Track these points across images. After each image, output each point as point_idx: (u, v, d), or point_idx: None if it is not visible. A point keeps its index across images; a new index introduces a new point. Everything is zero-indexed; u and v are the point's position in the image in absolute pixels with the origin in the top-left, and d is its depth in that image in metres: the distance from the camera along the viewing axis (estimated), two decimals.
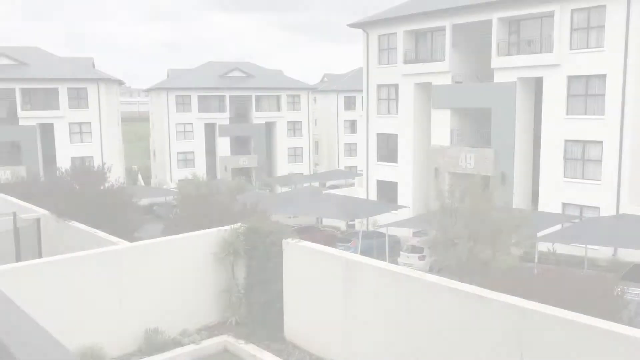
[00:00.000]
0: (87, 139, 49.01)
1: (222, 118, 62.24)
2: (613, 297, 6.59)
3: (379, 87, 37.15)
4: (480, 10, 30.70)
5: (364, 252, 28.81)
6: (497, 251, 16.70)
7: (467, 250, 16.80)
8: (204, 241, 10.24)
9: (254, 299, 10.07)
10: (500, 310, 6.59)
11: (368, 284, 8.28)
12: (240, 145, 64.42)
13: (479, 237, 16.67)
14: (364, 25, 37.09)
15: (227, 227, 10.38)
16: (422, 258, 25.41)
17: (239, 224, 10.46)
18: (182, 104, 60.90)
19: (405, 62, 34.83)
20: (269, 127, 65.47)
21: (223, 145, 62.60)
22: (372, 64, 37.15)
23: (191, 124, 61.19)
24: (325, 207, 30.17)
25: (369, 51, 37.16)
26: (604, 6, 26.11)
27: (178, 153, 61.13)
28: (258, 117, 64.07)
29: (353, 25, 37.92)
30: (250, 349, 9.32)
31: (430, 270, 24.70)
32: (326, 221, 39.09)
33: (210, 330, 10.09)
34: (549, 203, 28.60)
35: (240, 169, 62.66)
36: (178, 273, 9.90)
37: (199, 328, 10.08)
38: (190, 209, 14.92)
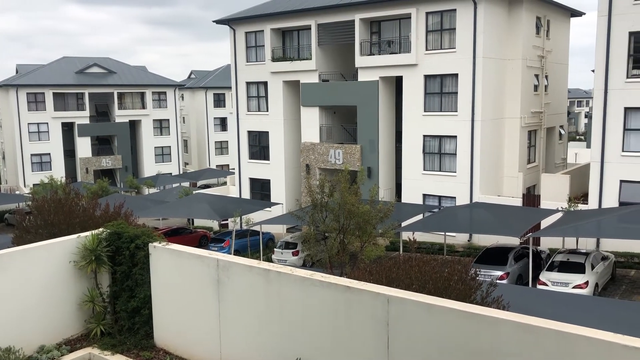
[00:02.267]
0: None
1: (82, 117, 58.41)
2: (467, 280, 7.13)
3: (249, 84, 37.03)
4: (343, 11, 31.72)
5: (239, 251, 28.72)
6: (365, 242, 17.42)
7: (338, 243, 17.32)
8: (62, 249, 9.51)
9: (120, 307, 9.55)
10: (367, 299, 6.81)
11: (240, 283, 8.20)
12: (102, 145, 60.92)
13: (348, 229, 17.26)
14: (231, 22, 36.72)
15: (87, 233, 9.73)
16: (295, 253, 25.76)
17: (100, 229, 9.85)
18: (35, 102, 56.18)
19: (273, 59, 35.03)
20: (134, 125, 62.60)
21: (83, 146, 58.78)
22: (241, 61, 36.92)
23: (46, 123, 56.70)
24: (197, 207, 29.47)
25: (237, 48, 36.88)
26: (455, 10, 28.19)
27: (32, 155, 56.38)
28: (121, 116, 60.97)
29: (219, 22, 37.40)
30: (117, 359, 8.84)
31: (304, 265, 25.17)
32: (198, 222, 38.25)
33: (73, 344, 9.42)
34: (411, 195, 30.37)
35: (103, 170, 59.28)
36: (34, 285, 9.11)
37: (59, 343, 9.36)
38: (47, 215, 13.79)
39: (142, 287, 9.36)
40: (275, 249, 27.14)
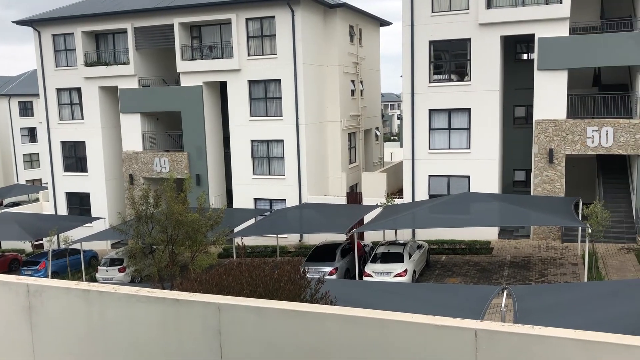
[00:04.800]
0: None
1: None
2: (297, 280, 7.29)
3: (60, 91, 34.10)
4: (161, 15, 30.72)
5: (58, 273, 26.26)
6: (196, 251, 17.02)
7: (167, 255, 16.68)
8: None
9: None
10: (198, 309, 6.59)
11: (56, 308, 7.45)
12: None
13: (177, 240, 16.70)
14: (35, 24, 33.51)
15: None
16: (122, 270, 24.29)
17: None
18: None
19: (87, 64, 32.71)
20: None
21: None
22: (49, 66, 33.86)
23: None
24: (3, 228, 26.36)
25: (43, 52, 33.76)
26: (274, 17, 28.84)
27: None
28: None
29: (21, 23, 33.90)
30: None
31: (133, 281, 23.83)
32: (7, 244, 34.25)
33: None
34: (242, 200, 30.41)
35: None
36: None
37: None
38: None
39: None
40: (99, 267, 25.33)
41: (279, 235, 26.34)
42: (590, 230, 19.42)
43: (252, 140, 30.21)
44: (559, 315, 9.91)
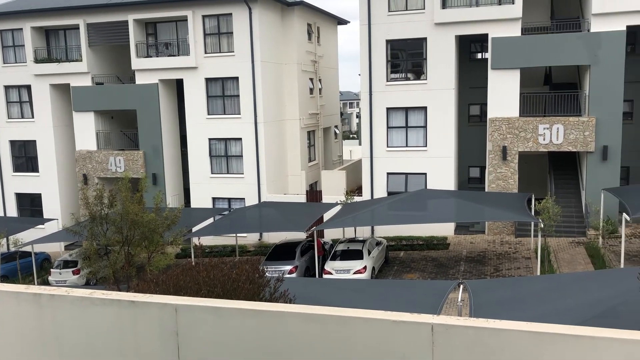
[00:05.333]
0: None
1: None
2: (255, 279, 7.25)
3: (8, 88, 32.93)
4: (115, 11, 30.03)
5: (7, 277, 25.34)
6: (153, 252, 16.73)
7: (123, 256, 16.34)
8: None
9: None
10: (154, 311, 6.48)
11: (4, 314, 7.20)
12: None
13: (133, 240, 16.37)
14: None
15: None
16: (76, 272, 23.66)
17: None
18: None
19: (37, 61, 31.68)
20: None
21: None
22: None
23: None
24: None
25: None
26: (231, 14, 28.58)
27: None
28: None
29: None
30: None
31: (88, 283, 23.24)
32: None
33: None
34: (200, 199, 30.05)
35: None
36: None
37: None
38: None
39: None
40: (52, 270, 24.59)
41: (238, 235, 26.16)
42: (542, 225, 20.02)
43: (210, 139, 29.87)
44: (513, 308, 10.18)
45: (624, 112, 25.09)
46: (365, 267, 20.57)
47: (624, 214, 19.81)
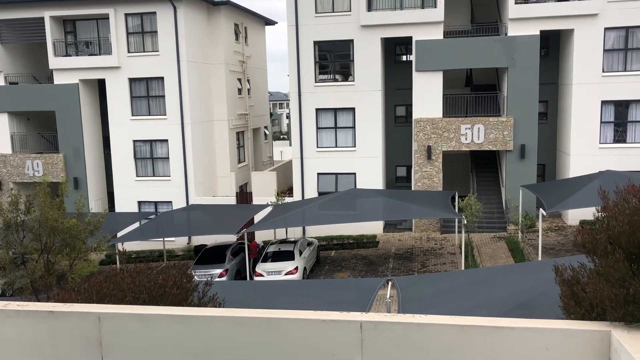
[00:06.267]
0: None
1: None
2: (183, 284, 7.09)
3: None
4: (30, 7, 28.54)
5: None
6: (75, 259, 16.00)
7: (42, 264, 15.53)
8: None
9: None
10: (76, 320, 6.22)
11: None
12: None
13: (53, 248, 15.60)
14: None
15: None
16: None
17: None
18: None
19: None
20: None
21: None
22: None
23: None
24: None
25: None
26: (155, 13, 27.84)
27: None
28: None
29: None
30: None
31: (3, 295, 21.93)
32: None
33: None
34: (125, 203, 29.07)
35: None
36: None
37: None
38: None
39: None
40: None
41: (165, 239, 25.51)
42: (465, 222, 20.80)
43: (135, 141, 28.96)
44: (440, 302, 10.50)
45: (539, 112, 26.49)
46: (296, 268, 20.60)
47: (541, 209, 20.91)
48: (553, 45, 28.09)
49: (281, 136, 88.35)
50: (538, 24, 25.25)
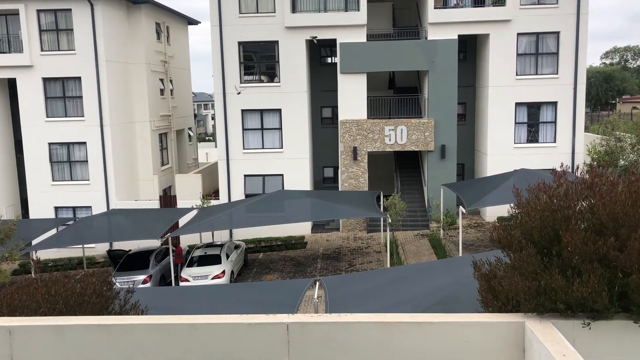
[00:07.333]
0: None
1: None
2: (103, 292, 6.80)
3: None
4: None
5: None
6: None
7: None
8: None
9: None
10: None
11: None
12: None
13: None
14: None
15: None
16: None
17: None
18: None
19: None
20: None
21: None
22: None
23: None
24: None
25: None
26: (70, 10, 26.62)
27: None
28: None
29: None
30: None
31: None
32: None
33: None
34: (41, 209, 27.58)
35: None
36: None
37: None
38: None
39: None
40: None
41: (85, 246, 24.43)
42: (390, 220, 21.28)
43: (50, 143, 27.56)
44: (366, 300, 10.67)
45: (458, 114, 27.52)
46: (223, 272, 20.31)
47: (461, 207, 21.73)
48: (470, 49, 29.28)
49: (207, 137, 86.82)
50: (456, 29, 26.24)
